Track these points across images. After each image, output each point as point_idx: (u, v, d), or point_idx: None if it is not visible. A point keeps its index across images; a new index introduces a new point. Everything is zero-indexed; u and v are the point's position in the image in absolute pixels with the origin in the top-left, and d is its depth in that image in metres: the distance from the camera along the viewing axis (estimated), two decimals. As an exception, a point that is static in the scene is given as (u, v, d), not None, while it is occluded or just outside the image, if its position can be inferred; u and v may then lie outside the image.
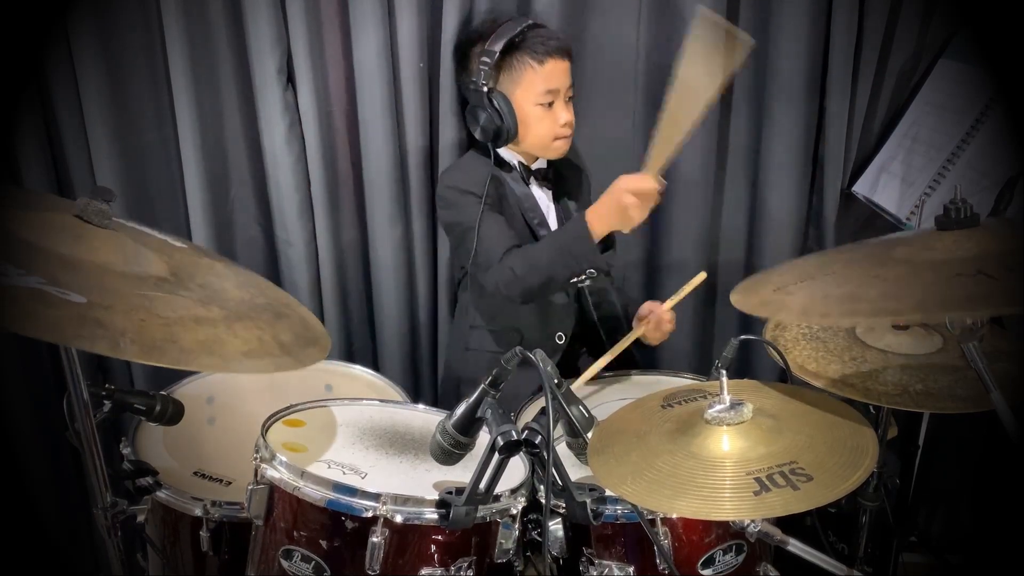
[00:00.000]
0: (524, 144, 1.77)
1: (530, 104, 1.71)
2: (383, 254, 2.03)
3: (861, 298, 1.10)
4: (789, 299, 1.19)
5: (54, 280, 1.06)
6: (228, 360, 1.13)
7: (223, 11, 1.85)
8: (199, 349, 1.10)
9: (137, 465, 1.44)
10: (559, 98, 1.73)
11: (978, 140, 1.83)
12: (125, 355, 1.02)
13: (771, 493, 1.01)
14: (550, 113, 1.73)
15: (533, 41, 1.70)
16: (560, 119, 1.73)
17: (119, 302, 1.09)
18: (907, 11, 1.90)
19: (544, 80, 1.70)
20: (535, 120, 1.73)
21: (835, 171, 1.97)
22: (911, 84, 1.97)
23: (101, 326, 1.02)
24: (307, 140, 1.93)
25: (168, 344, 1.06)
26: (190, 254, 1.36)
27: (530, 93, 1.71)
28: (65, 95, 1.81)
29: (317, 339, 1.31)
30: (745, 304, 1.23)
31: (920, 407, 1.36)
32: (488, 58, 1.68)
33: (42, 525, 1.96)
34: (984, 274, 1.02)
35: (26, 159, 1.81)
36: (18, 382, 1.90)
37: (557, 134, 1.74)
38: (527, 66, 1.69)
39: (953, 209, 1.13)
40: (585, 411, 1.25)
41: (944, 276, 1.06)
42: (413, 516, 1.24)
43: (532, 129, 1.73)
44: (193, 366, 1.08)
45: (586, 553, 1.34)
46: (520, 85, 1.71)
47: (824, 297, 1.15)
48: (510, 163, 1.80)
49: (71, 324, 1.01)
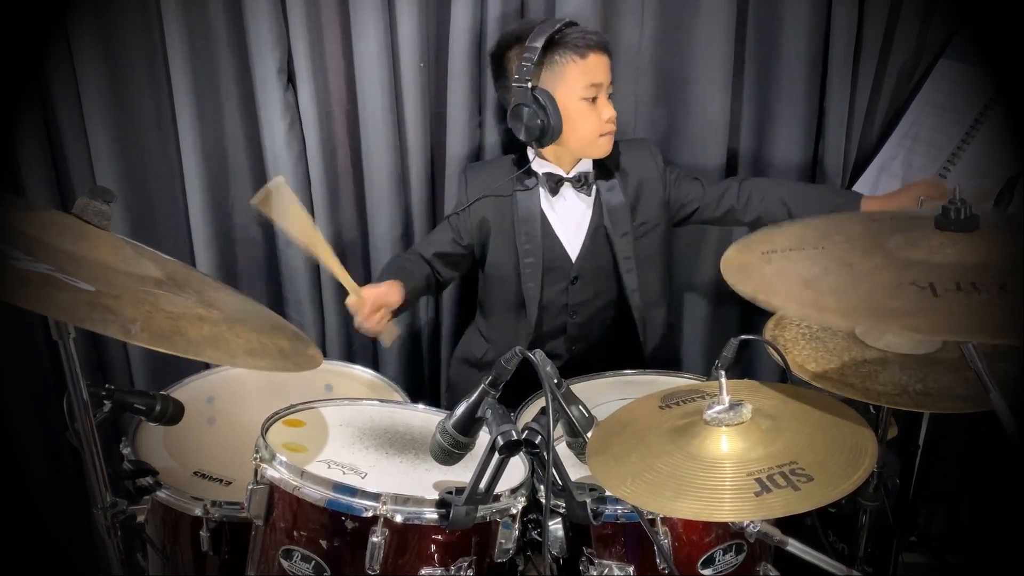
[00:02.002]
0: (567, 144, 1.75)
1: (574, 100, 1.70)
2: (383, 254, 2.03)
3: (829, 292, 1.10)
4: (766, 268, 1.19)
5: (61, 269, 1.07)
6: (234, 355, 1.14)
7: (223, 11, 1.85)
8: (205, 342, 1.11)
9: (137, 465, 1.44)
10: (602, 92, 1.72)
11: (978, 140, 1.83)
12: (136, 340, 1.03)
13: (772, 494, 1.01)
14: (594, 109, 1.72)
15: (573, 36, 1.69)
16: (604, 114, 1.72)
17: (126, 294, 1.10)
18: (907, 11, 1.90)
19: (587, 74, 1.69)
20: (579, 116, 1.71)
21: (835, 171, 1.97)
22: (911, 84, 1.97)
23: (111, 312, 1.03)
24: (307, 140, 1.93)
25: (176, 335, 1.08)
26: (179, 266, 1.39)
27: (574, 88, 1.70)
28: (65, 95, 1.81)
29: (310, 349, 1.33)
30: (731, 261, 1.23)
31: (920, 407, 1.35)
32: (530, 54, 1.67)
33: (42, 525, 1.96)
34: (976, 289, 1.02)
35: (26, 159, 1.81)
36: (18, 382, 1.90)
37: (602, 130, 1.73)
38: (570, 61, 1.69)
39: (952, 209, 1.13)
40: (585, 411, 1.25)
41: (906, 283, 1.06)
42: (413, 516, 1.23)
43: (576, 126, 1.72)
44: (202, 357, 1.11)
45: (586, 553, 1.34)
46: (563, 81, 1.70)
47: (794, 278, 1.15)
48: (537, 174, 1.79)
49: (82, 307, 1.01)
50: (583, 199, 1.81)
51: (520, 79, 1.68)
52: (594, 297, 1.85)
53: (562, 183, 1.79)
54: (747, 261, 1.23)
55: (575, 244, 1.81)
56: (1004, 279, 1.02)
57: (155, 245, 1.92)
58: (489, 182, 1.80)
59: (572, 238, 1.81)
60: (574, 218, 1.81)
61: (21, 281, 1.01)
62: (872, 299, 1.06)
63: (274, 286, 2.08)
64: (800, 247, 1.21)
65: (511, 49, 1.74)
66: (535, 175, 1.79)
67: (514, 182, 1.79)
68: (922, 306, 1.01)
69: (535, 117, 1.69)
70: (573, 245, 1.81)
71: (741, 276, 1.18)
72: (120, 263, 1.21)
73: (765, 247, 1.24)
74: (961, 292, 1.01)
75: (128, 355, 2.02)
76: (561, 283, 1.82)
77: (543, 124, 1.70)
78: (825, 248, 1.20)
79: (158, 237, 1.96)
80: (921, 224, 1.15)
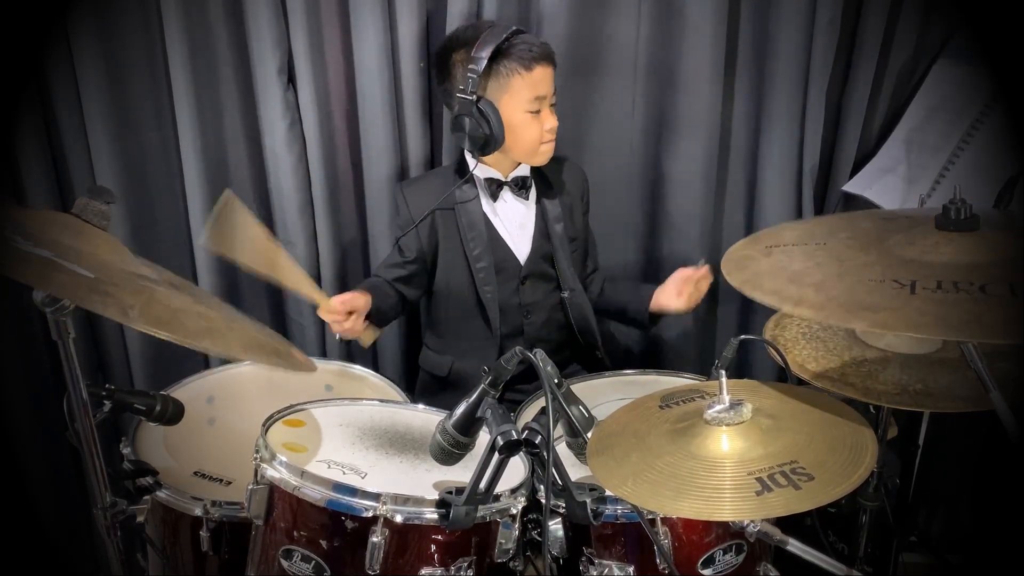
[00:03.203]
0: (509, 152, 1.77)
1: (518, 112, 1.71)
2: (383, 254, 2.03)
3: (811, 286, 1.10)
4: (762, 262, 1.20)
5: (62, 256, 1.07)
6: (231, 346, 1.15)
7: (223, 11, 1.85)
8: (203, 333, 1.11)
9: (137, 465, 1.44)
10: (545, 104, 1.73)
11: (978, 140, 1.83)
12: (134, 324, 1.04)
13: (773, 493, 1.01)
14: (537, 119, 1.73)
15: (519, 48, 1.69)
16: (547, 124, 1.74)
17: (125, 283, 1.10)
18: (907, 11, 1.89)
19: (532, 87, 1.70)
20: (522, 127, 1.73)
21: (836, 171, 1.97)
22: (911, 85, 1.97)
23: (111, 296, 1.03)
24: (307, 140, 1.93)
25: (174, 322, 1.08)
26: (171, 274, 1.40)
27: (519, 100, 1.71)
28: (65, 95, 1.82)
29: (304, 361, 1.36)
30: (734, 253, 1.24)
31: (920, 407, 1.36)
32: (476, 65, 1.67)
33: (42, 525, 1.97)
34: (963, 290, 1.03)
35: (26, 159, 1.81)
36: (18, 382, 1.90)
37: (544, 139, 1.75)
38: (515, 73, 1.69)
39: (952, 209, 1.13)
40: (585, 411, 1.25)
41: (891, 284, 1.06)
42: (413, 516, 1.24)
43: (519, 136, 1.73)
44: (199, 346, 1.11)
45: (586, 553, 1.34)
46: (508, 92, 1.70)
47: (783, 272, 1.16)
48: (478, 179, 1.80)
49: (82, 289, 1.02)
50: (522, 202, 1.83)
51: (465, 90, 1.69)
52: (544, 298, 1.86)
53: (502, 187, 1.81)
54: (748, 254, 1.24)
55: (522, 245, 1.83)
56: (987, 280, 1.02)
57: (155, 245, 1.95)
58: (428, 197, 1.80)
59: (518, 240, 1.83)
60: (517, 220, 1.83)
61: (23, 259, 1.01)
62: (849, 294, 1.06)
63: (274, 286, 2.07)
64: (804, 243, 1.22)
65: (456, 52, 1.73)
66: (474, 181, 1.80)
67: (454, 195, 1.79)
68: (894, 303, 1.02)
69: (478, 128, 1.70)
70: (520, 247, 1.83)
71: (736, 268, 1.19)
72: (119, 262, 1.21)
73: (770, 242, 1.25)
74: (940, 292, 1.02)
75: (128, 355, 2.02)
76: (512, 283, 1.83)
77: (486, 135, 1.71)
78: (827, 244, 1.20)
79: (158, 237, 1.96)
80: (926, 223, 1.15)
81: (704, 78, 1.93)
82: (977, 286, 1.02)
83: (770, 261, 1.20)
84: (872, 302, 1.03)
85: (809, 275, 1.12)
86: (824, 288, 1.08)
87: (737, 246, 1.27)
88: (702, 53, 1.91)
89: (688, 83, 1.94)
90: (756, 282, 1.15)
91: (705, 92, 1.94)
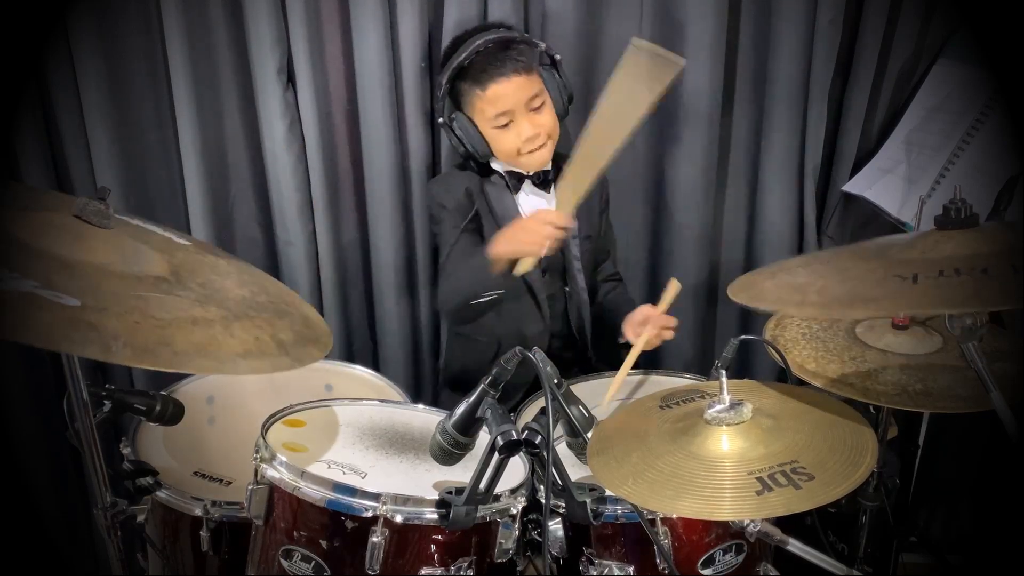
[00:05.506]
0: (499, 159, 1.78)
1: (487, 127, 1.72)
2: (383, 254, 2.03)
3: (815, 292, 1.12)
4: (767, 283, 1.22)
5: (49, 283, 1.06)
6: (223, 362, 1.12)
7: (223, 11, 1.85)
8: (193, 351, 1.09)
9: (137, 465, 1.44)
10: (517, 115, 1.71)
11: (978, 140, 1.83)
12: (117, 359, 1.02)
13: (773, 492, 1.01)
14: (508, 131, 1.72)
15: (476, 68, 1.69)
16: (522, 134, 1.71)
17: (114, 304, 1.09)
18: (907, 11, 1.90)
19: (492, 105, 1.69)
20: (496, 140, 1.73)
21: (836, 171, 1.98)
22: (911, 85, 1.97)
23: (94, 329, 1.02)
24: (307, 140, 1.93)
25: (161, 347, 1.06)
26: (193, 251, 1.35)
27: (481, 117, 1.72)
28: (65, 95, 1.81)
29: (318, 337, 1.30)
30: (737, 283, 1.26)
31: (920, 407, 1.36)
32: (439, 89, 1.73)
33: (42, 525, 1.96)
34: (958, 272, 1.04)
35: (26, 159, 1.81)
36: (18, 382, 1.90)
37: (521, 149, 1.73)
38: (473, 92, 1.70)
39: (953, 209, 1.13)
40: (585, 411, 1.25)
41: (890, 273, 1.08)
42: (413, 516, 1.23)
43: (497, 147, 1.74)
44: (186, 368, 1.08)
45: (586, 553, 1.34)
46: (472, 110, 1.72)
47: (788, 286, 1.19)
48: (499, 172, 1.80)
49: (62, 328, 1.01)
50: (542, 196, 1.81)
51: (439, 109, 1.73)
52: (556, 292, 1.86)
53: (523, 180, 1.80)
54: (752, 280, 1.27)
55: None
56: (988, 264, 1.03)
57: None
58: (456, 191, 1.80)
59: None
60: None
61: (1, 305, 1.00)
62: (854, 291, 1.08)
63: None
64: (808, 264, 1.24)
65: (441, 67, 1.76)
66: (499, 174, 1.80)
67: (484, 179, 1.79)
68: (900, 292, 1.03)
69: (460, 145, 1.74)
70: None
71: (741, 290, 1.21)
72: (117, 264, 1.20)
73: (774, 270, 1.27)
74: (943, 278, 1.03)
75: (128, 355, 2.02)
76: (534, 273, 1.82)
77: (468, 151, 1.74)
78: (830, 262, 1.22)
79: (158, 237, 1.96)
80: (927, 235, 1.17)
81: (705, 78, 1.93)
82: (979, 269, 1.02)
83: (775, 281, 1.22)
84: (874, 295, 1.05)
85: (813, 284, 1.14)
86: (826, 291, 1.10)
87: (741, 278, 1.29)
88: (703, 53, 1.91)
89: (689, 83, 1.94)
90: (761, 296, 1.19)
91: (706, 92, 1.94)
